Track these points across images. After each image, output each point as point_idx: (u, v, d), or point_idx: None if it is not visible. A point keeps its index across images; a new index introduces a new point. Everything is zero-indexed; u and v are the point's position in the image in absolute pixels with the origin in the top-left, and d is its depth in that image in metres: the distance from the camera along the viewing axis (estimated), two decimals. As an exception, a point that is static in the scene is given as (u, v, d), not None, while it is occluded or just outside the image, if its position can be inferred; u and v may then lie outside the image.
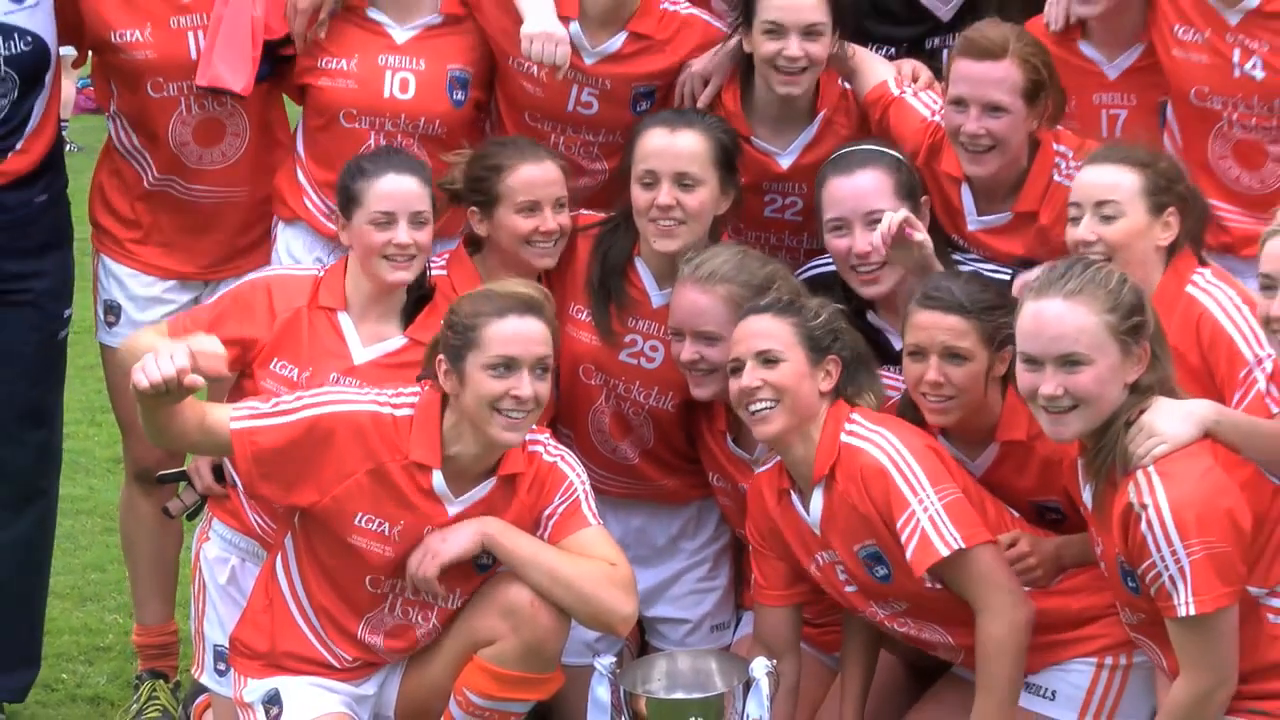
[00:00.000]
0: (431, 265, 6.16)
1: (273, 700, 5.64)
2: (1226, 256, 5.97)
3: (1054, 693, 5.65)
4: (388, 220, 5.83)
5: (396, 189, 5.88)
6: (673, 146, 6.01)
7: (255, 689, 5.69)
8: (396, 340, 5.99)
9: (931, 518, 5.41)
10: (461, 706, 5.63)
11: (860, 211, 5.92)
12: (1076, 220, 5.55)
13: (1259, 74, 5.89)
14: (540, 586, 5.53)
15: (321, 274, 6.07)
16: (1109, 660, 5.61)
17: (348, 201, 5.92)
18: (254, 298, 6.00)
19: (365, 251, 5.88)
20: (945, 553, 5.37)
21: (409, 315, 6.04)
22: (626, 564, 5.70)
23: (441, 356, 5.42)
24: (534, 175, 6.03)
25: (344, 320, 5.96)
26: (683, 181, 5.97)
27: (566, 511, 5.63)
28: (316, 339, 5.95)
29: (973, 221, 6.14)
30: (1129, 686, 5.60)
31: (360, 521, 5.50)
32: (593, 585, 5.55)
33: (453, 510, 5.53)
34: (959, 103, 5.94)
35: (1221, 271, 5.73)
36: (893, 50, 6.52)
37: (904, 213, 5.74)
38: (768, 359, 5.53)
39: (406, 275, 5.90)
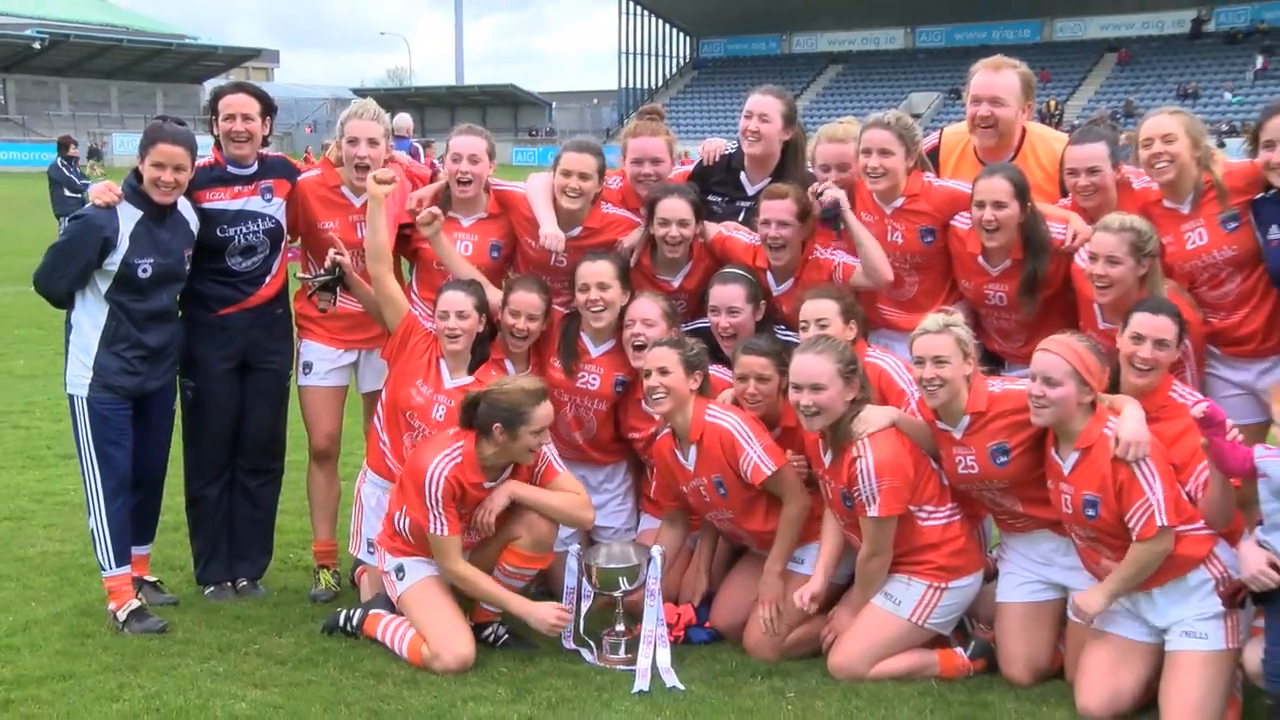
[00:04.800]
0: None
1: (400, 570, 5.64)
2: (892, 332, 5.96)
3: (802, 559, 5.68)
4: (445, 315, 5.85)
5: (451, 298, 5.86)
6: (594, 267, 5.98)
7: (390, 563, 5.70)
8: (466, 379, 5.90)
9: (759, 457, 5.49)
10: (501, 572, 5.66)
11: (725, 306, 5.88)
12: (805, 329, 5.59)
13: (899, 239, 5.87)
14: (540, 511, 5.60)
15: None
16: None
17: (434, 307, 5.96)
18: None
19: (436, 333, 5.93)
20: (769, 472, 5.47)
21: (474, 366, 5.98)
22: (584, 492, 5.80)
23: (499, 426, 5.40)
24: (521, 297, 5.96)
25: (443, 364, 5.94)
26: (601, 286, 5.96)
27: (546, 469, 5.68)
28: (430, 366, 5.93)
29: (775, 291, 6.02)
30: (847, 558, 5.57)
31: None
32: (569, 508, 5.66)
33: (489, 487, 5.58)
34: (765, 223, 5.88)
35: (882, 347, 5.83)
36: (719, 201, 6.36)
37: None
38: (662, 370, 5.56)
39: (456, 347, 5.87)
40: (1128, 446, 4.78)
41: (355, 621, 5.79)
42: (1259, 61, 58.02)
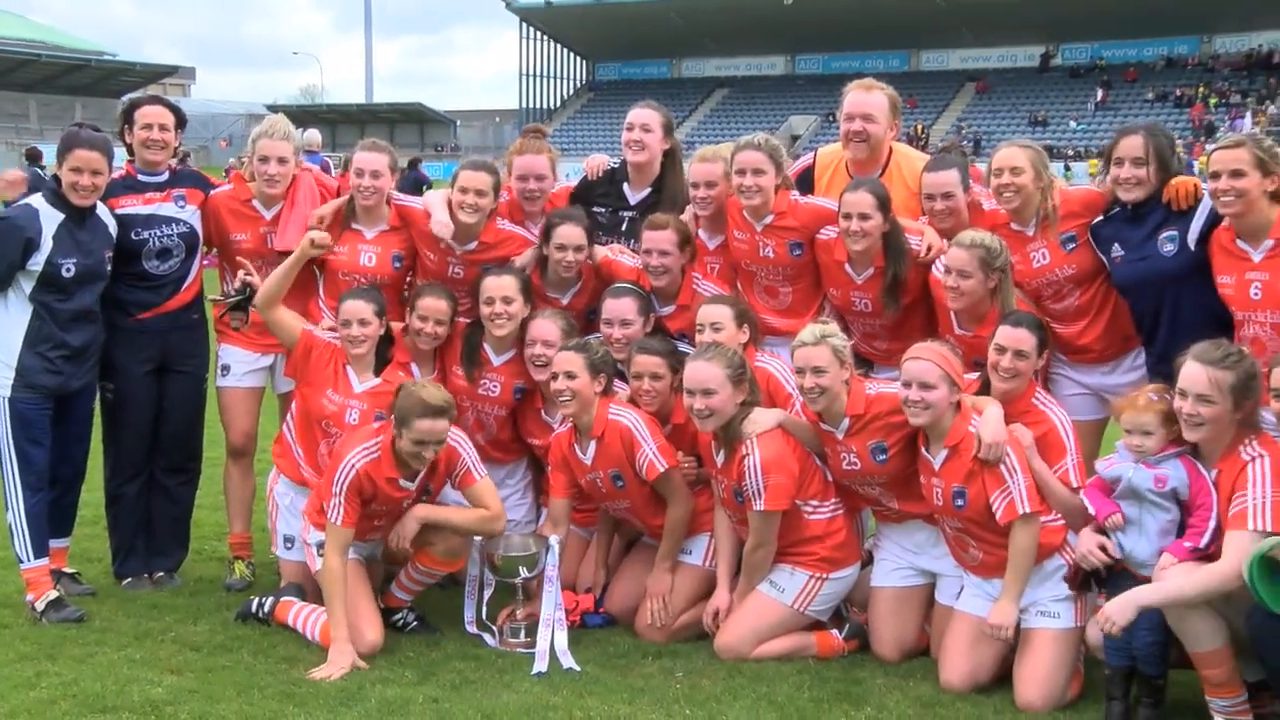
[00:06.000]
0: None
1: (322, 545, 5.44)
2: (774, 337, 5.92)
3: (690, 550, 5.70)
4: (347, 323, 5.75)
5: (353, 306, 5.76)
6: (499, 281, 5.90)
7: (314, 536, 5.53)
8: (374, 381, 5.81)
9: (654, 455, 5.47)
10: (415, 569, 5.66)
11: (618, 319, 5.85)
12: (701, 332, 5.60)
13: (771, 254, 5.93)
14: (451, 530, 5.55)
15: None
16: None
17: (337, 316, 5.86)
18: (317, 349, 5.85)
19: (341, 341, 5.83)
20: (661, 469, 5.45)
21: (379, 368, 5.87)
22: (498, 504, 5.62)
23: (395, 419, 5.30)
24: (429, 303, 5.88)
25: (349, 371, 5.82)
26: (505, 299, 5.89)
27: (464, 475, 5.55)
28: (337, 375, 5.80)
29: (658, 312, 6.00)
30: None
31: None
32: (477, 525, 5.57)
33: (410, 487, 5.46)
34: (648, 252, 5.90)
35: (770, 352, 5.80)
36: (604, 212, 6.37)
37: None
38: (569, 374, 5.53)
39: (359, 351, 5.76)
40: (989, 448, 4.89)
41: (267, 608, 5.68)
42: (1099, 94, 59.64)
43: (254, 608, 5.72)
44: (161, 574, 6.29)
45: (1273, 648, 4.16)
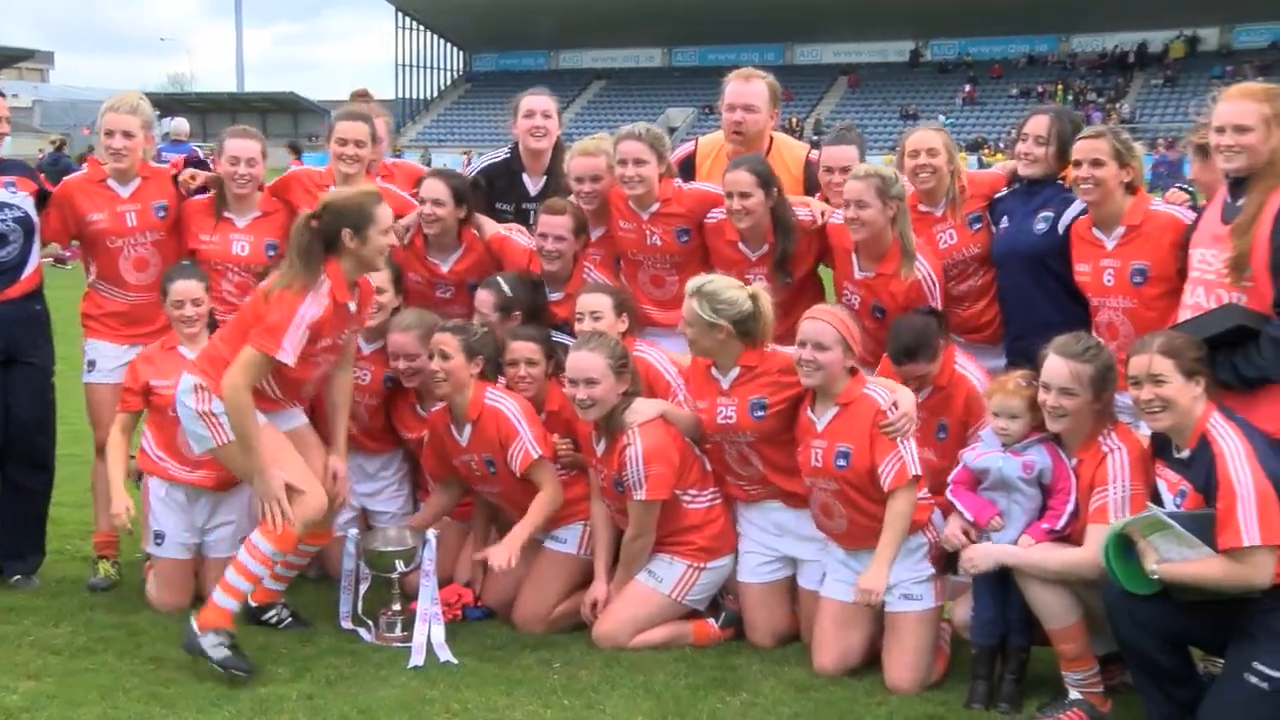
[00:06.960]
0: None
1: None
2: (658, 329, 6.00)
3: (565, 539, 5.70)
4: (180, 304, 5.71)
5: (185, 287, 5.71)
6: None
7: (218, 405, 5.03)
8: None
9: (529, 443, 5.44)
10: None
11: (477, 310, 5.83)
12: (580, 320, 5.58)
13: (658, 242, 5.98)
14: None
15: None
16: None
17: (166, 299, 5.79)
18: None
19: (175, 322, 5.79)
20: (535, 457, 5.42)
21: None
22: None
23: (348, 231, 4.98)
24: None
25: (182, 350, 5.72)
26: (378, 290, 5.66)
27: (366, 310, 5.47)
28: (170, 365, 5.65)
29: (550, 298, 5.96)
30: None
31: None
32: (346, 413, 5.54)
33: (351, 311, 5.23)
34: (543, 236, 5.88)
35: (650, 341, 5.83)
36: (509, 208, 6.38)
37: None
38: (444, 355, 5.46)
39: (193, 331, 5.71)
40: (902, 416, 4.94)
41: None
42: (966, 89, 61.16)
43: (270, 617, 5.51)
44: (18, 577, 6.06)
45: (1124, 621, 4.34)
